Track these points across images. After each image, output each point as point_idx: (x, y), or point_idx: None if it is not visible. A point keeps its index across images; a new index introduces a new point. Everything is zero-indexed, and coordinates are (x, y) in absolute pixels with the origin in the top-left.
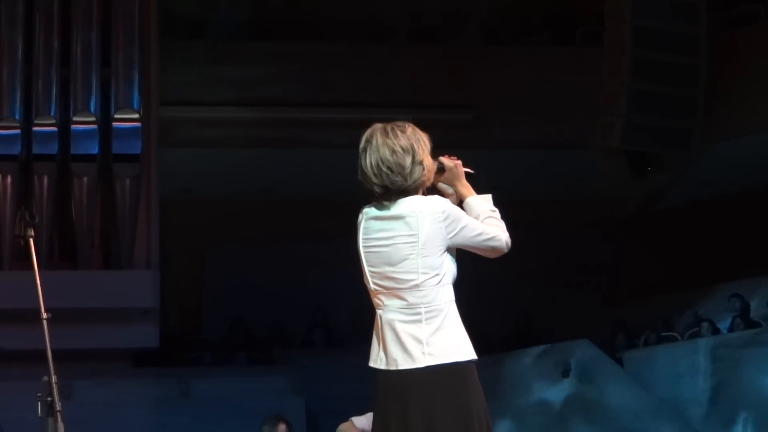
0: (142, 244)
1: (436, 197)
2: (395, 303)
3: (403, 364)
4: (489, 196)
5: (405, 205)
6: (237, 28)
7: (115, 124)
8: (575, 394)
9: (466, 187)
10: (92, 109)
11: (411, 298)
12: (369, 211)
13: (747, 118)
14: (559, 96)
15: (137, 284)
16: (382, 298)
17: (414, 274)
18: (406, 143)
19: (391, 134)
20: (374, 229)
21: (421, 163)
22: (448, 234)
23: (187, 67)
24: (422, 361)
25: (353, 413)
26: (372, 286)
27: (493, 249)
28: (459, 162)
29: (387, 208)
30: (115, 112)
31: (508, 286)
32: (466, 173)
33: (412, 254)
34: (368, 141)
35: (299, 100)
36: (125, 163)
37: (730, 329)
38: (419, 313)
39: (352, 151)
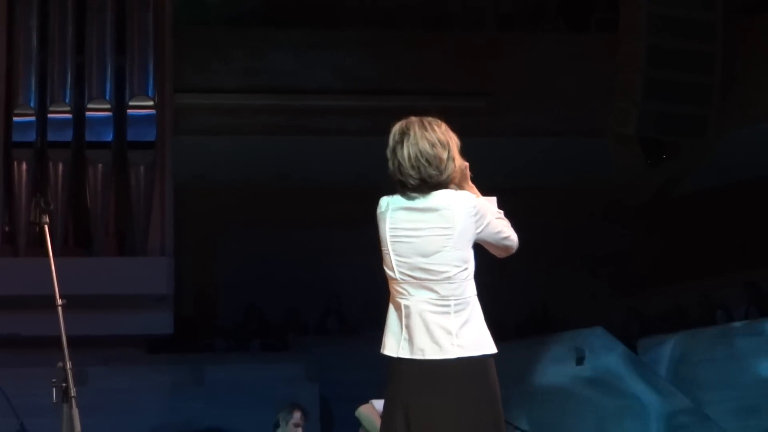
0: (157, 230)
1: (465, 192)
2: (424, 294)
3: (432, 354)
4: (494, 199)
5: (438, 198)
6: (251, 14)
7: (129, 111)
8: (589, 382)
9: (472, 189)
10: (107, 96)
11: (442, 290)
12: (395, 201)
13: (763, 105)
14: (574, 83)
15: (151, 271)
16: (408, 288)
17: (447, 266)
18: (443, 138)
19: (428, 128)
20: (403, 219)
21: (454, 159)
22: (477, 229)
23: (202, 55)
24: (452, 352)
25: (367, 399)
26: (398, 275)
27: (507, 248)
28: (467, 164)
29: (418, 199)
30: (130, 99)
31: (522, 273)
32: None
33: (446, 246)
34: (405, 133)
35: (314, 87)
36: (140, 150)
37: (745, 317)
38: (449, 305)
39: (366, 138)
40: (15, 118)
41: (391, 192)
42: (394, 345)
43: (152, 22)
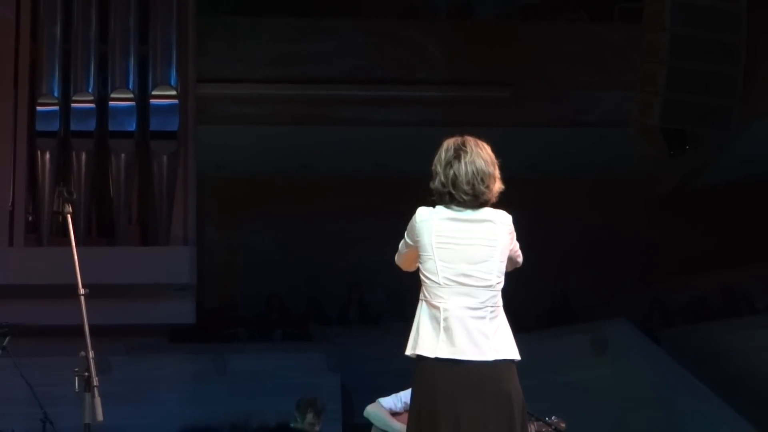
0: (179, 220)
1: (502, 211)
2: (465, 300)
3: (473, 355)
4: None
5: (484, 212)
6: (273, 4)
7: (152, 101)
8: (612, 373)
9: None
10: (130, 86)
11: (481, 296)
12: (439, 212)
13: None
14: (597, 73)
15: (174, 260)
16: (449, 292)
17: (490, 275)
18: (493, 158)
19: (482, 147)
20: (450, 228)
21: (498, 179)
22: (510, 245)
23: (225, 44)
24: (490, 354)
25: (388, 389)
26: (441, 280)
27: (517, 265)
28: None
29: (465, 212)
30: (153, 89)
31: (543, 264)
32: None
33: (492, 257)
34: (461, 149)
35: (336, 77)
36: (162, 139)
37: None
38: (486, 311)
39: (388, 129)
40: (38, 108)
41: (412, 188)
42: (430, 345)
43: (175, 11)
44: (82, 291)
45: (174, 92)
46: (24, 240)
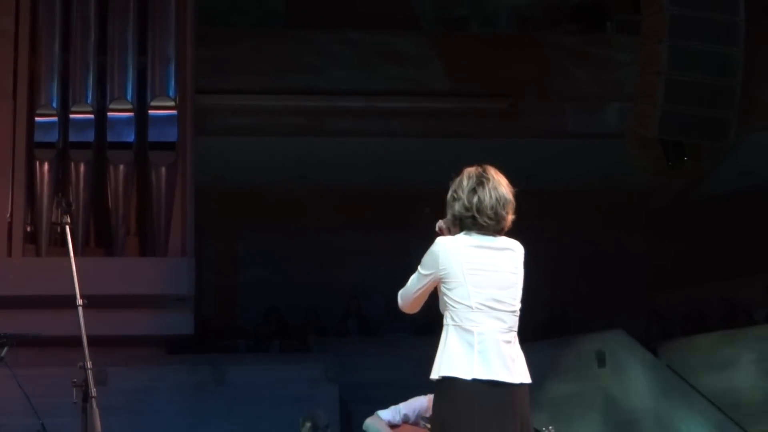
0: (178, 231)
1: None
2: (495, 323)
3: (506, 377)
4: None
5: (504, 240)
6: (272, 16)
7: (151, 112)
8: (610, 384)
9: None
10: (129, 97)
11: (509, 320)
12: (464, 240)
13: None
14: (595, 85)
15: (172, 271)
16: (482, 316)
17: (516, 301)
18: (511, 187)
19: (501, 176)
20: (478, 254)
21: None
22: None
23: (223, 56)
24: (519, 378)
25: (387, 401)
26: (473, 304)
27: None
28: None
29: (488, 239)
30: (152, 100)
31: (542, 275)
32: None
33: (516, 284)
34: (483, 176)
35: (334, 88)
36: (161, 150)
37: (766, 319)
38: (512, 335)
39: (386, 140)
40: (37, 119)
41: (410, 199)
42: (465, 367)
43: (174, 23)
44: (80, 302)
45: (172, 103)
46: (22, 250)
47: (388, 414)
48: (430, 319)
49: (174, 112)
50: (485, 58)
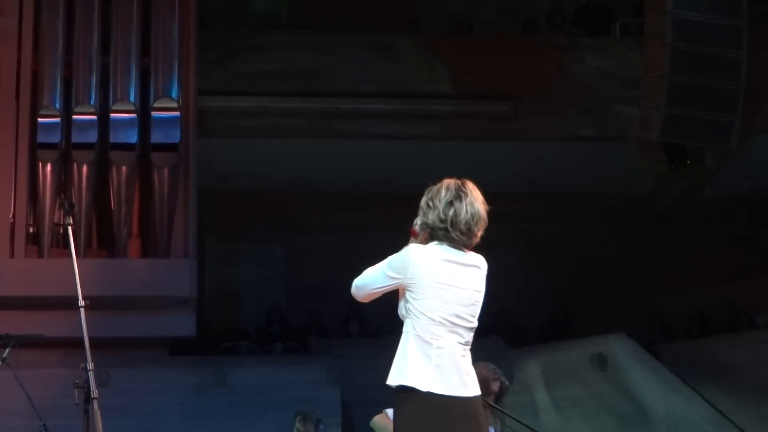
0: (180, 233)
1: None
2: (455, 337)
3: (461, 392)
4: None
5: (472, 257)
6: (275, 18)
7: (153, 113)
8: (612, 387)
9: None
10: (131, 98)
11: (466, 336)
12: (435, 252)
13: None
14: (598, 88)
15: (175, 273)
16: (443, 330)
17: (474, 318)
18: (486, 205)
19: (477, 191)
20: (447, 269)
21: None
22: None
23: (226, 58)
24: (473, 391)
25: (389, 403)
26: (437, 317)
27: None
28: None
29: (457, 254)
30: (154, 101)
31: (544, 278)
32: None
33: (478, 302)
34: (461, 190)
35: (337, 90)
36: (164, 152)
37: None
38: (467, 350)
39: (389, 142)
40: (40, 120)
41: (413, 202)
42: (421, 379)
43: (177, 24)
44: (82, 303)
45: (175, 105)
46: (25, 252)
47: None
48: None
49: (177, 113)
50: (488, 61)
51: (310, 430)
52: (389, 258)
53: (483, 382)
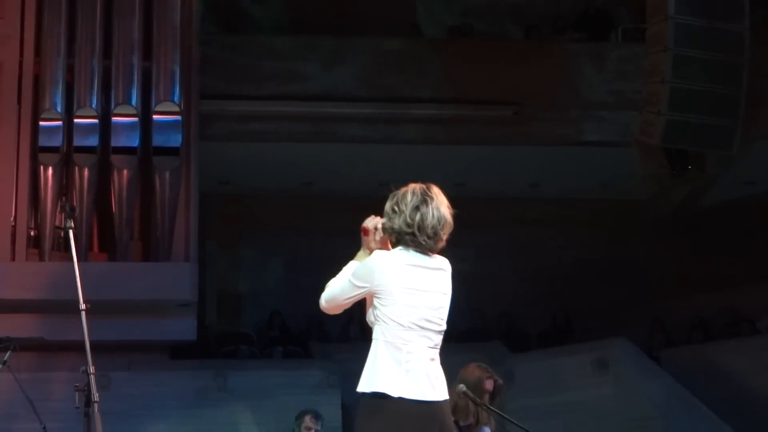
0: (181, 236)
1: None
2: (425, 342)
3: (432, 396)
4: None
5: (437, 260)
6: (277, 22)
7: (155, 117)
8: (612, 393)
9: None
10: (133, 102)
11: (436, 340)
12: (401, 258)
13: None
14: (599, 92)
15: (176, 277)
16: (413, 335)
17: (443, 321)
18: (450, 209)
19: (443, 196)
20: (414, 274)
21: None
22: None
23: (227, 62)
24: (442, 395)
25: None
26: (406, 323)
27: None
28: None
29: (423, 259)
30: (156, 105)
31: (545, 283)
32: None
33: (445, 305)
34: (428, 196)
35: (338, 95)
36: (165, 156)
37: None
38: (436, 354)
39: (391, 147)
40: (42, 123)
41: None
42: (393, 385)
43: (179, 28)
44: (83, 306)
45: (177, 108)
46: (26, 255)
47: None
48: None
49: (178, 117)
50: (490, 66)
51: (319, 429)
52: (353, 267)
53: (476, 382)
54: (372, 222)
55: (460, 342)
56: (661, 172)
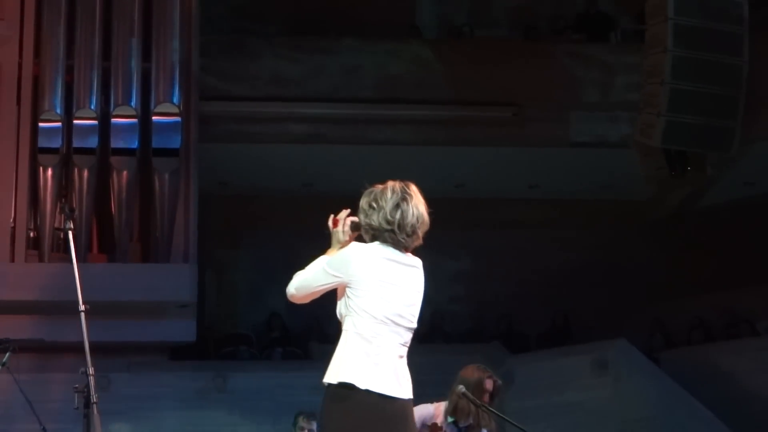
0: (181, 237)
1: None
2: (395, 338)
3: (398, 393)
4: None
5: (414, 259)
6: (277, 23)
7: (155, 118)
8: (612, 394)
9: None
10: (132, 103)
11: (406, 337)
12: (379, 251)
13: None
14: (599, 94)
15: (175, 278)
16: (384, 329)
17: (415, 318)
18: (427, 208)
19: (420, 194)
20: (390, 268)
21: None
22: None
23: (227, 63)
24: (407, 393)
25: None
26: (380, 316)
27: None
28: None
29: (399, 255)
30: (155, 106)
31: (544, 284)
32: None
33: (418, 302)
34: (407, 193)
35: (338, 96)
36: (164, 157)
37: None
38: (404, 351)
39: (390, 148)
40: (41, 124)
41: None
42: (360, 377)
43: (178, 29)
44: (82, 307)
45: (176, 110)
46: (25, 256)
47: None
48: (432, 328)
49: (178, 118)
50: (489, 67)
51: (313, 429)
52: (328, 257)
53: (476, 382)
54: (343, 214)
55: (459, 343)
56: (661, 173)
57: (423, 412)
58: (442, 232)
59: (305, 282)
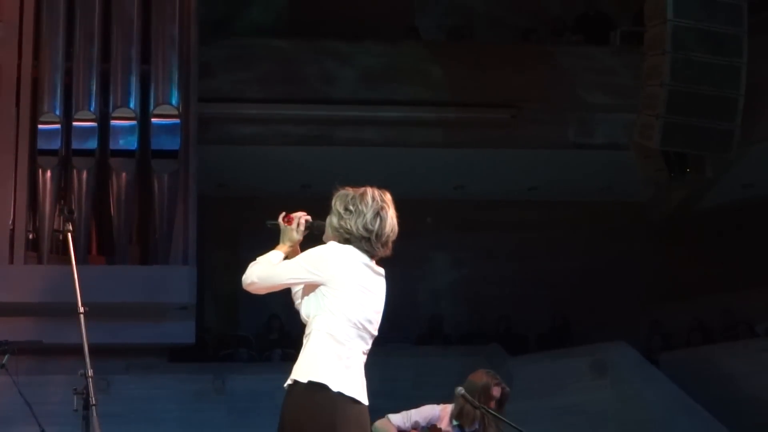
0: (179, 239)
1: None
2: (361, 344)
3: (363, 399)
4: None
5: (380, 268)
6: (276, 25)
7: (153, 120)
8: (611, 396)
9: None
10: (131, 105)
11: (368, 344)
12: (357, 256)
13: None
14: (598, 96)
15: (174, 280)
16: (354, 332)
17: (377, 326)
18: None
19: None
20: (366, 274)
21: None
22: None
23: (226, 65)
24: (367, 400)
25: (387, 410)
26: (354, 320)
27: None
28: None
29: (371, 263)
30: (154, 108)
31: (543, 286)
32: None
33: (380, 312)
34: (385, 203)
35: (336, 98)
36: (163, 159)
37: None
38: (365, 359)
39: (389, 150)
40: (40, 126)
41: (412, 209)
42: (333, 378)
43: (177, 31)
44: (81, 309)
45: (175, 112)
46: (24, 258)
47: (398, 418)
48: (431, 329)
49: (177, 120)
50: (488, 69)
51: None
52: (305, 254)
53: (484, 388)
54: (298, 213)
55: (459, 344)
56: (660, 175)
57: (428, 412)
58: (442, 233)
59: (273, 273)
